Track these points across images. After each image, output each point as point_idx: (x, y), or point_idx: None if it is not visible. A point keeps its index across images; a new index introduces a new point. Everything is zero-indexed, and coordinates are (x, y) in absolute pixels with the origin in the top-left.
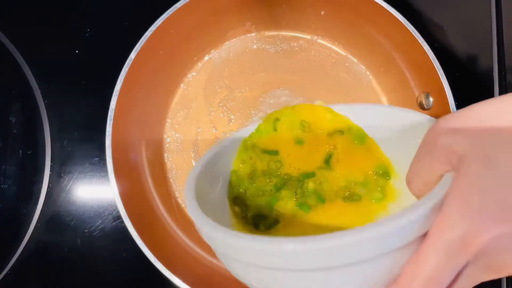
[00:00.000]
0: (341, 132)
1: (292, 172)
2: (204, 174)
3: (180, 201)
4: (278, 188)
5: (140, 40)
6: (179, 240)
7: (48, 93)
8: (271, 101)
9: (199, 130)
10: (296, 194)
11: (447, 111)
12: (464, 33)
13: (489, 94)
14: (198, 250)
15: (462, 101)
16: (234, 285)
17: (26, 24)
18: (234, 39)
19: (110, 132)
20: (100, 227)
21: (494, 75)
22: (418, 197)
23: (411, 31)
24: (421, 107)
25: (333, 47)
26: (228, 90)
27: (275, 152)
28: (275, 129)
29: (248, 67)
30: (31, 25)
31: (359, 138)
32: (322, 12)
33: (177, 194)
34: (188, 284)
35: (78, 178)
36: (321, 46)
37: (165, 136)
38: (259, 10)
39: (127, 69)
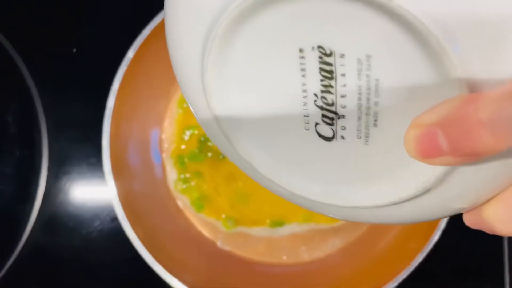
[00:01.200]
0: None
1: None
2: None
3: (179, 203)
4: None
5: (138, 38)
6: (177, 241)
7: (45, 92)
8: None
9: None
10: None
11: None
12: None
13: None
14: (197, 252)
15: None
16: (234, 287)
17: (23, 23)
18: None
19: (108, 132)
20: (98, 228)
21: None
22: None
23: None
24: None
25: None
26: None
27: None
28: None
29: None
30: (28, 24)
31: None
32: None
33: (175, 195)
34: (187, 285)
35: (75, 179)
36: None
37: (163, 136)
38: None
39: (125, 68)
